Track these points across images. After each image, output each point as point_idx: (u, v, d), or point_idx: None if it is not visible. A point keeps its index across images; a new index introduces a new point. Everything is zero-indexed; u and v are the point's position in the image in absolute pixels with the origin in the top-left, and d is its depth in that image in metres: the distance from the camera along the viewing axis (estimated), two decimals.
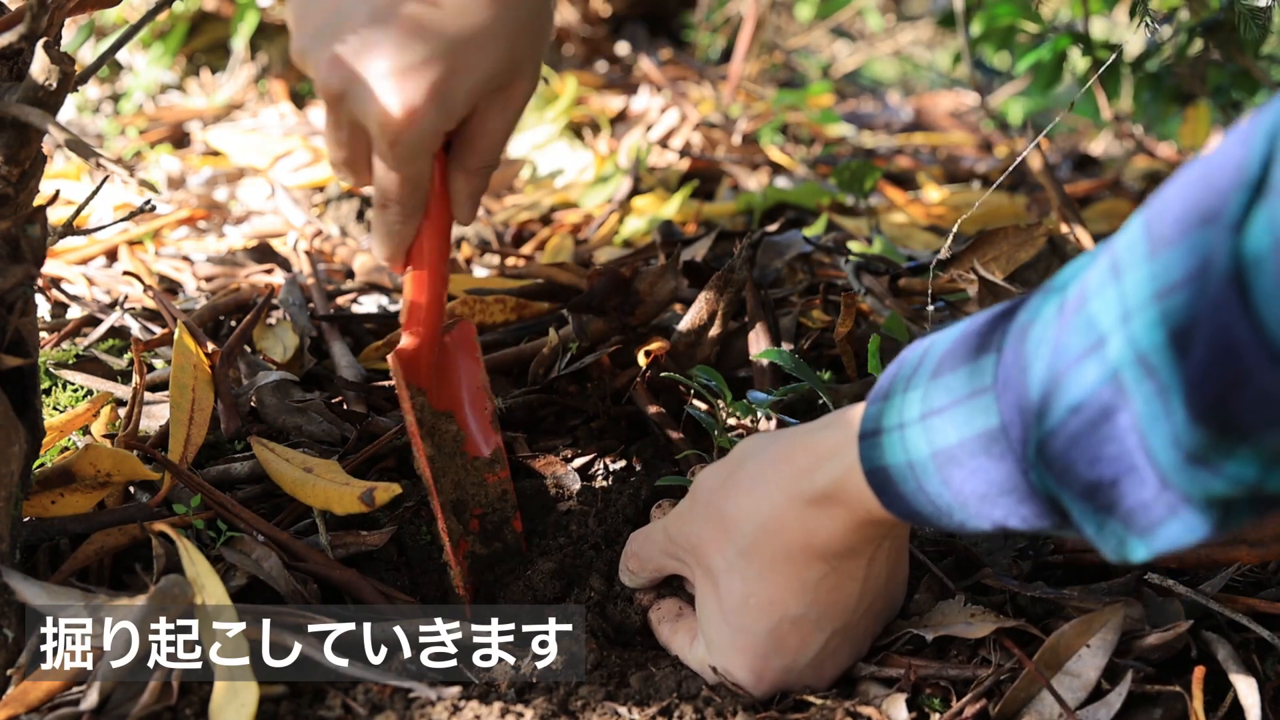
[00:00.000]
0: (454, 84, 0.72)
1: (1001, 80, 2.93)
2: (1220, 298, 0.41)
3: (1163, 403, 0.45)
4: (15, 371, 0.68)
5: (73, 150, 0.54)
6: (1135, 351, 0.45)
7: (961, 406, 0.55)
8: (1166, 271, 0.44)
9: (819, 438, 0.66)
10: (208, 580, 0.69)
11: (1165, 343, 0.44)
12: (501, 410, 0.97)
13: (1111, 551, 0.52)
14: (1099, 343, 0.47)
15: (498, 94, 0.76)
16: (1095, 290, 0.48)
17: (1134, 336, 0.45)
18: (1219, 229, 0.41)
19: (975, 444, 0.55)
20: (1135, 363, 0.46)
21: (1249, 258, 0.41)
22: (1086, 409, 0.48)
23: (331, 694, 0.66)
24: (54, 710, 0.64)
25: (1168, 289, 0.44)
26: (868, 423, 0.60)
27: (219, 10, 2.33)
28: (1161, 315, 0.44)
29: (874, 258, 1.18)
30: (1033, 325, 0.52)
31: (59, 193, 0.74)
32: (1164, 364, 0.44)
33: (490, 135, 0.78)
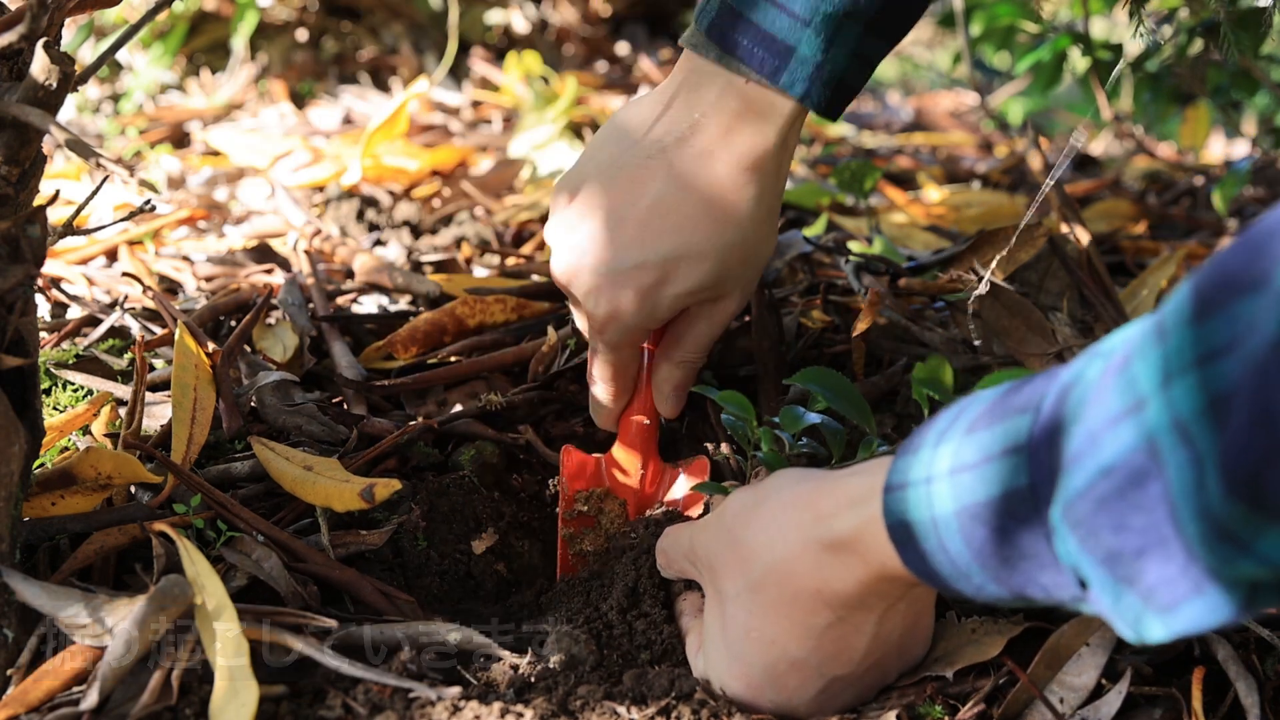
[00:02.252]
0: (661, 292, 0.82)
1: (1001, 80, 2.93)
2: (1263, 365, 0.40)
3: (1197, 472, 0.43)
4: (15, 371, 0.68)
5: (73, 150, 0.54)
6: (1173, 416, 0.44)
7: (993, 464, 0.53)
8: (1211, 336, 0.42)
9: (846, 484, 0.64)
10: (208, 580, 0.69)
11: (1205, 409, 0.42)
12: (503, 405, 0.98)
13: (1127, 627, 0.50)
14: (1138, 405, 0.45)
15: (706, 304, 0.85)
16: (1139, 351, 0.46)
17: (1173, 401, 0.43)
18: (1266, 296, 0.40)
19: (1002, 503, 0.52)
20: (1172, 428, 0.44)
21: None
22: (1118, 473, 0.46)
23: (331, 694, 0.66)
24: (54, 710, 0.64)
25: (1211, 354, 0.42)
26: (895, 475, 0.58)
27: (219, 10, 2.33)
28: (1203, 381, 0.42)
29: (874, 258, 1.18)
30: (1074, 386, 0.50)
31: (59, 193, 0.74)
32: (1202, 432, 0.42)
33: (696, 337, 0.87)
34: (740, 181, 0.81)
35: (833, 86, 0.80)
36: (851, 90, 0.83)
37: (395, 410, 1.02)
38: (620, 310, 0.82)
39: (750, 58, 0.79)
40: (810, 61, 0.78)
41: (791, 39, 0.78)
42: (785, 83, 0.79)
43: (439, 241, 1.52)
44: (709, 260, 0.81)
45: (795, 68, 0.78)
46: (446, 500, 0.87)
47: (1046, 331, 1.04)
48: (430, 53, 2.42)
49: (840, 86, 0.81)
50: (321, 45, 2.41)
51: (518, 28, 2.53)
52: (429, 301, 1.21)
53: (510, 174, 1.78)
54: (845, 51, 0.79)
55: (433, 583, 0.84)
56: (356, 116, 2.12)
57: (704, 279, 0.82)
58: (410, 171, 1.72)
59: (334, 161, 1.76)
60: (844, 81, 0.81)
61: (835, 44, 0.78)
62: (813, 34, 0.77)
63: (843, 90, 0.81)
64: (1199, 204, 1.90)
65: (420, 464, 0.93)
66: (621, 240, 0.81)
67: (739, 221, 0.81)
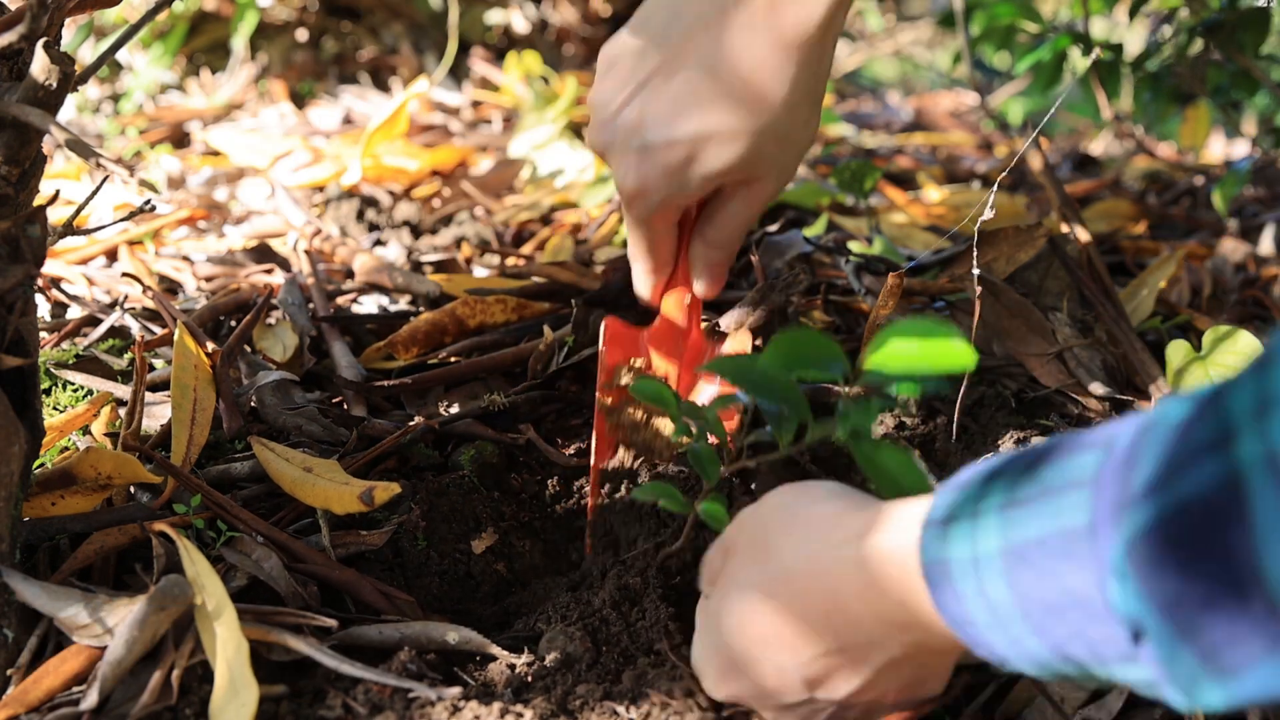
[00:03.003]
0: (689, 171, 0.80)
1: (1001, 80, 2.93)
2: None
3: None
4: (15, 371, 0.68)
5: (73, 150, 0.54)
6: (1267, 449, 0.39)
7: (1050, 500, 0.48)
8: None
9: (888, 509, 0.58)
10: (208, 580, 0.69)
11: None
12: (504, 405, 0.98)
13: (1180, 692, 0.44)
14: (1226, 437, 0.41)
15: (741, 186, 0.83)
16: (1234, 384, 0.42)
17: (1267, 432, 0.39)
18: None
19: (1056, 543, 0.47)
20: (1265, 463, 0.39)
21: None
22: (1196, 509, 0.41)
23: (332, 694, 0.66)
24: (54, 710, 0.64)
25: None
26: (939, 509, 0.53)
27: (219, 10, 2.33)
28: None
29: (874, 258, 1.18)
30: (1157, 425, 0.45)
31: (59, 193, 0.74)
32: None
33: (730, 218, 0.85)
34: (779, 62, 0.77)
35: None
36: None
37: (395, 410, 1.02)
38: (647, 186, 0.81)
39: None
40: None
41: None
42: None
43: (439, 241, 1.52)
44: (740, 142, 0.79)
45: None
46: (446, 500, 0.87)
47: (1046, 331, 1.04)
48: (430, 53, 2.42)
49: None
50: (321, 45, 2.41)
51: (518, 28, 2.53)
52: (429, 301, 1.21)
53: (510, 174, 1.78)
54: None
55: (432, 583, 0.84)
56: (356, 116, 2.12)
57: (734, 161, 0.79)
58: (410, 171, 1.72)
59: (334, 161, 1.76)
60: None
61: None
62: None
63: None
64: (1199, 204, 1.90)
65: (420, 464, 0.93)
66: (653, 114, 0.79)
67: (774, 104, 0.78)
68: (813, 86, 0.80)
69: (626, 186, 0.82)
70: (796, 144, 0.82)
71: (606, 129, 0.82)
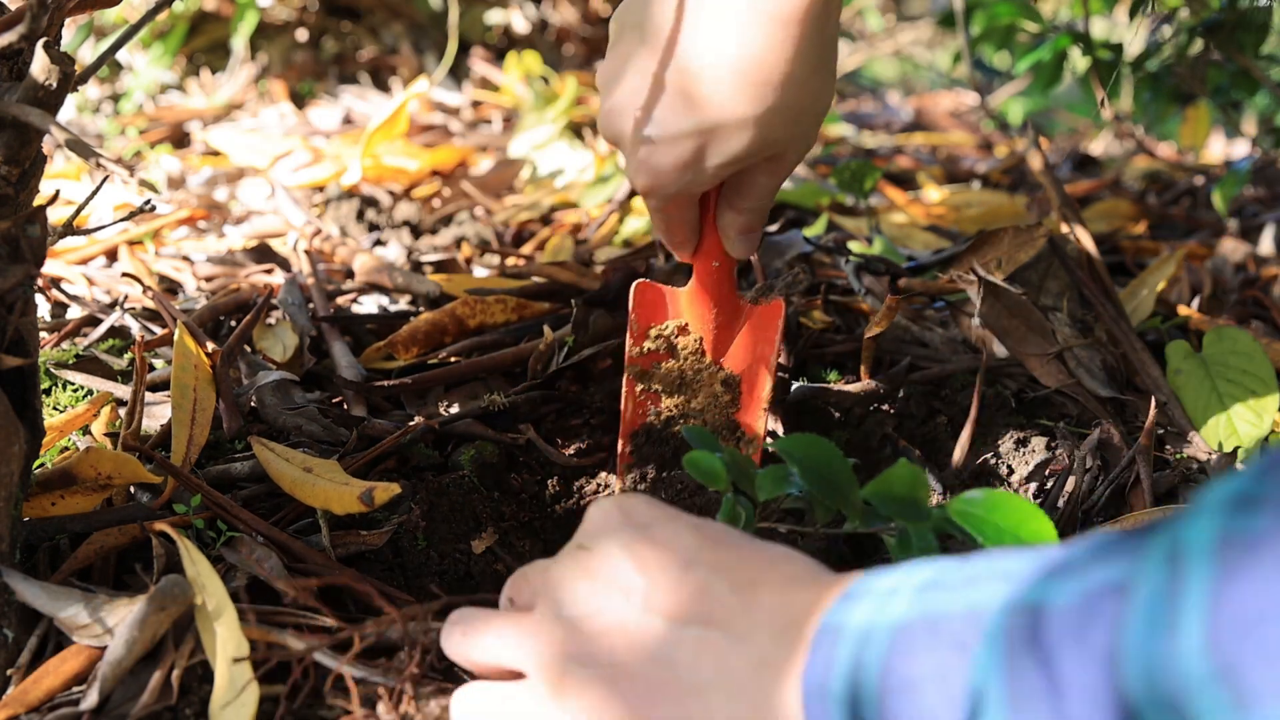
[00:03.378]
0: (702, 164, 0.77)
1: (1001, 80, 2.93)
2: None
3: None
4: (15, 371, 0.68)
5: (73, 150, 0.54)
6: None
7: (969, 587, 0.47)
8: None
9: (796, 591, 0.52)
10: (209, 580, 0.69)
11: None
12: (504, 406, 0.98)
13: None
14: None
15: (763, 162, 0.80)
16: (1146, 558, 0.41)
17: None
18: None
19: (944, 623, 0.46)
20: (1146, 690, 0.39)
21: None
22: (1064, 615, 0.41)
23: (332, 694, 0.66)
24: (54, 710, 0.64)
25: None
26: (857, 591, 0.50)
27: (219, 10, 2.33)
28: None
29: (874, 258, 1.18)
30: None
31: (59, 193, 0.73)
32: None
33: (757, 187, 0.82)
34: (778, 40, 0.73)
35: None
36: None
37: (395, 410, 1.02)
38: (660, 182, 0.78)
39: None
40: None
41: None
42: None
43: (439, 241, 1.52)
44: (749, 129, 0.75)
45: None
46: (446, 500, 0.87)
47: (1046, 331, 1.04)
48: (430, 53, 2.42)
49: None
50: (321, 45, 2.41)
51: (518, 28, 2.53)
52: (429, 301, 1.21)
53: (510, 174, 1.78)
54: None
55: (432, 583, 0.84)
56: (356, 116, 2.12)
57: (746, 148, 0.76)
58: (410, 171, 1.72)
59: (334, 161, 1.76)
60: None
61: None
62: None
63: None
64: (1199, 204, 1.90)
65: (420, 464, 0.93)
66: (659, 105, 0.76)
67: (778, 84, 0.74)
68: (817, 57, 0.75)
69: (638, 184, 0.80)
70: (811, 115, 0.78)
71: (613, 117, 0.79)
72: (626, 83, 0.77)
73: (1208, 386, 0.98)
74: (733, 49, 0.73)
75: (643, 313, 0.90)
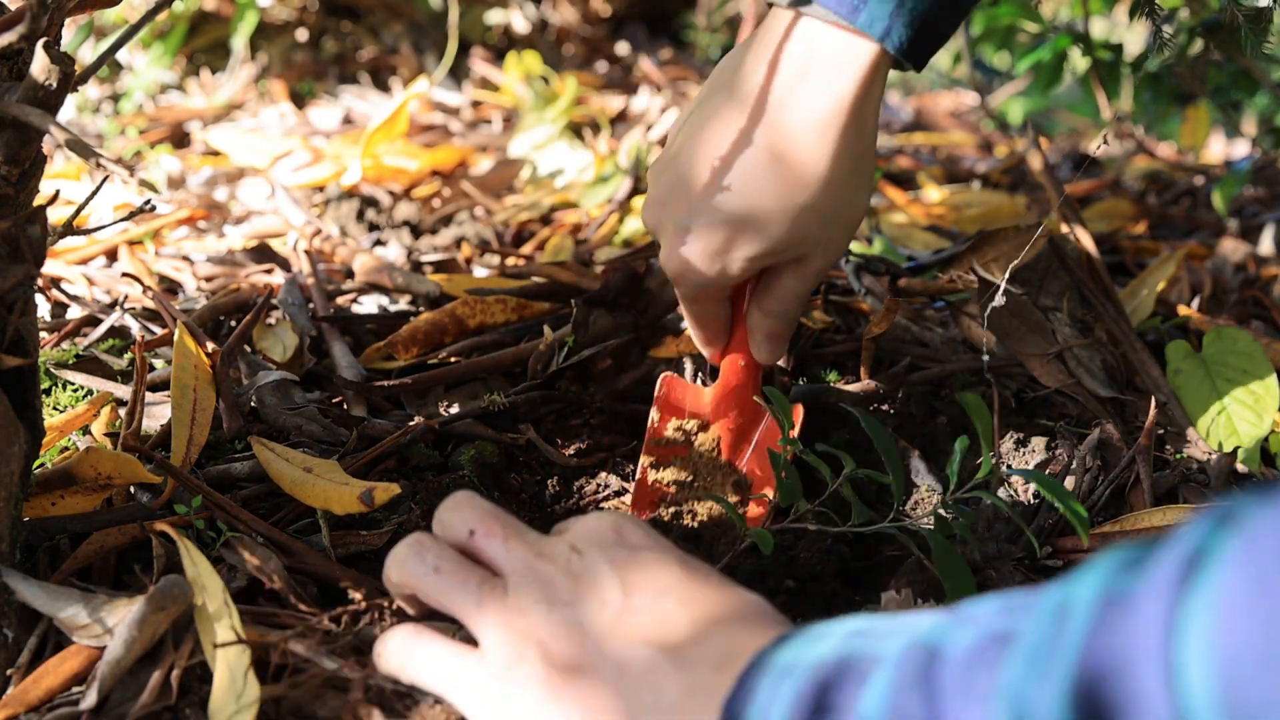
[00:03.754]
0: (730, 255, 0.80)
1: (1001, 80, 2.93)
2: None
3: None
4: (15, 371, 0.68)
5: (73, 150, 0.54)
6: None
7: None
8: None
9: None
10: (209, 581, 0.69)
11: None
12: (504, 406, 0.98)
13: None
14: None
15: (790, 263, 0.82)
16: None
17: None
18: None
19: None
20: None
21: None
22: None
23: (332, 694, 0.66)
24: (53, 710, 0.64)
25: None
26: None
27: (219, 10, 2.34)
28: None
29: (874, 258, 1.18)
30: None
31: (59, 193, 0.74)
32: None
33: (783, 290, 0.84)
34: (814, 138, 0.75)
35: (916, 26, 0.73)
36: (939, 35, 0.76)
37: (395, 410, 1.02)
38: (689, 269, 0.80)
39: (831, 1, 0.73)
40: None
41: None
42: (864, 22, 0.73)
43: (439, 241, 1.52)
44: (778, 224, 0.77)
45: (874, 6, 0.72)
46: None
47: (1046, 331, 1.04)
48: (430, 53, 2.42)
49: (926, 28, 0.74)
50: (321, 45, 2.41)
51: (518, 28, 2.53)
52: (429, 301, 1.21)
53: (510, 174, 1.78)
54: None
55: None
56: (356, 116, 2.12)
57: (774, 244, 0.78)
58: (410, 171, 1.72)
59: (334, 161, 1.76)
60: (930, 22, 0.74)
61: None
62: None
63: (929, 33, 0.74)
64: (1199, 204, 1.90)
65: (420, 464, 0.93)
66: (695, 196, 0.79)
67: (811, 183, 0.76)
68: (854, 162, 0.77)
69: (669, 269, 0.82)
70: (843, 220, 0.80)
71: (654, 207, 0.83)
72: (668, 176, 0.81)
73: (1208, 386, 0.98)
74: (770, 144, 0.76)
75: (666, 406, 0.91)
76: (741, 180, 0.77)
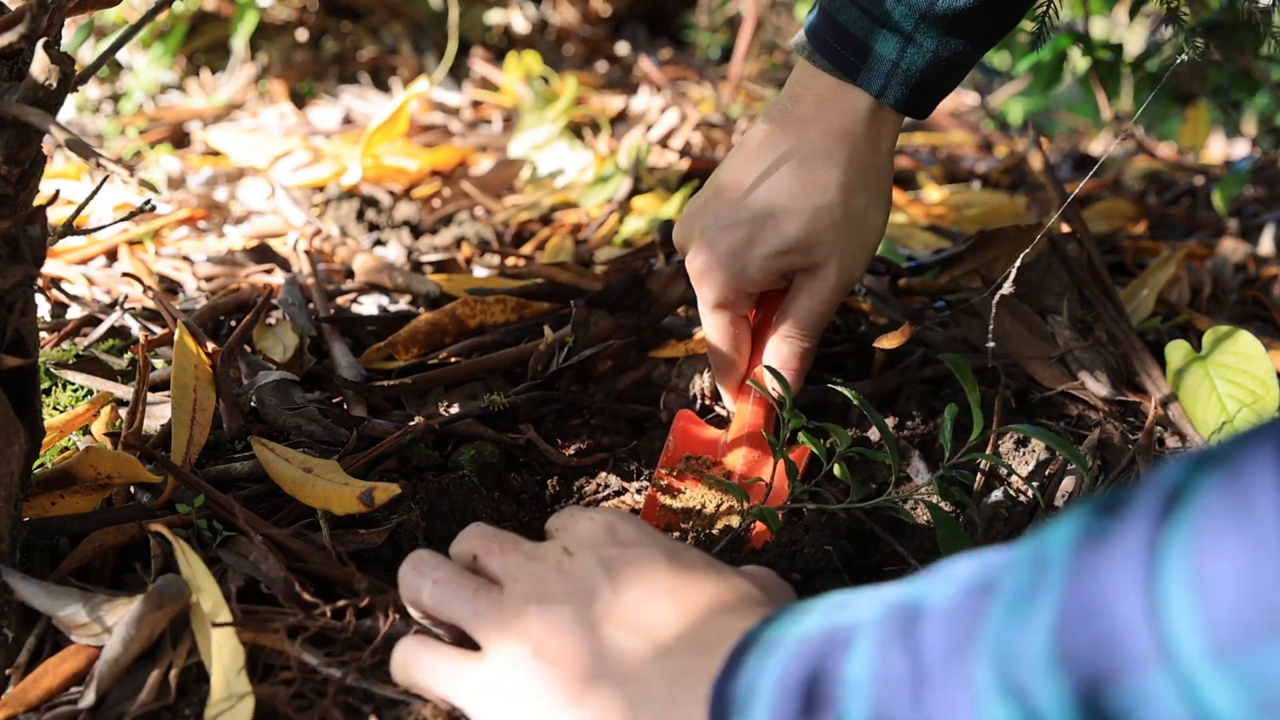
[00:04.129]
0: (750, 252, 0.86)
1: (1001, 80, 2.93)
2: None
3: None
4: (15, 371, 0.68)
5: (73, 150, 0.54)
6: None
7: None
8: None
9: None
10: (204, 582, 0.68)
11: None
12: (504, 406, 0.98)
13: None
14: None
15: (805, 275, 0.88)
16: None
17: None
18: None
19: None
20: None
21: None
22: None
23: (333, 694, 0.66)
24: (52, 709, 0.64)
25: None
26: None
27: (219, 10, 2.34)
28: None
29: (874, 258, 1.18)
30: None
31: (59, 193, 0.73)
32: None
33: (800, 311, 0.90)
34: (830, 146, 0.85)
35: (912, 85, 0.83)
36: (938, 91, 0.86)
37: (395, 410, 1.02)
38: (711, 266, 0.87)
39: (834, 58, 0.84)
40: (887, 60, 0.82)
41: (870, 39, 0.82)
42: (861, 80, 0.84)
43: (439, 241, 1.52)
44: (795, 220, 0.85)
45: (873, 66, 0.83)
46: (446, 500, 0.87)
47: (1047, 334, 1.04)
48: (430, 53, 2.42)
49: (923, 87, 0.84)
50: (321, 45, 2.41)
51: (518, 28, 2.53)
52: (429, 301, 1.21)
53: (510, 174, 1.78)
54: (924, 52, 0.82)
55: None
56: (356, 116, 2.12)
57: (790, 239, 0.85)
58: (410, 171, 1.72)
59: (334, 161, 1.76)
60: (926, 82, 0.84)
61: (913, 44, 0.82)
62: (889, 33, 0.82)
63: (927, 90, 0.85)
64: (1199, 204, 1.90)
65: (420, 464, 0.93)
66: (724, 203, 0.88)
67: (827, 185, 0.84)
68: (868, 175, 0.86)
69: (693, 269, 0.88)
70: (857, 233, 0.87)
71: (683, 222, 0.91)
72: (703, 195, 0.90)
73: (1208, 386, 0.98)
74: (793, 152, 0.85)
75: (679, 440, 0.93)
76: (765, 185, 0.86)
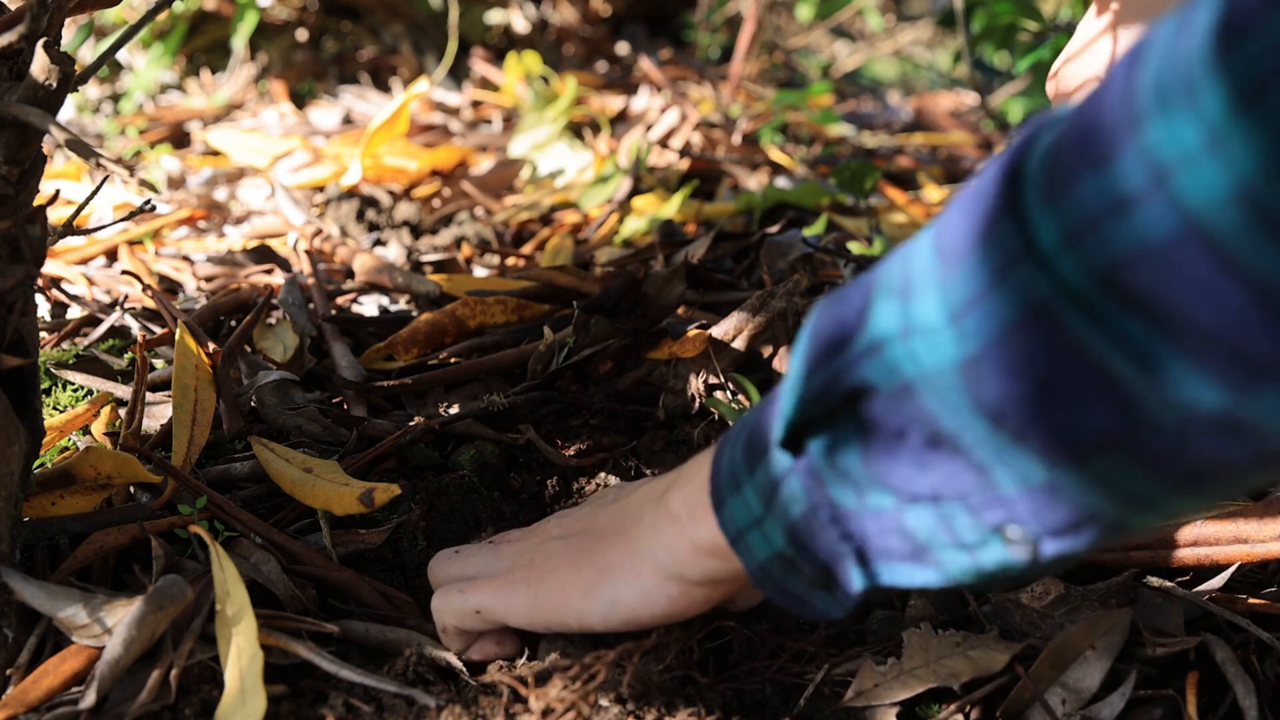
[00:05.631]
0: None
1: (1001, 80, 2.93)
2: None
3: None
4: (15, 371, 0.68)
5: (73, 150, 0.54)
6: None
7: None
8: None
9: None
10: (234, 587, 0.68)
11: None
12: (504, 406, 0.98)
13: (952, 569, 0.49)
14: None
15: None
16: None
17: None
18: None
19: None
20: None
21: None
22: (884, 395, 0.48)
23: (333, 694, 0.66)
24: (52, 710, 0.64)
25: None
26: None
27: (219, 10, 2.34)
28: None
29: (874, 258, 1.18)
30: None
31: (59, 193, 0.74)
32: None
33: None
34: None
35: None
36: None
37: (395, 411, 1.02)
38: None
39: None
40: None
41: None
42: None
43: (439, 241, 1.52)
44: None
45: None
46: (446, 500, 0.87)
47: None
48: (430, 53, 2.42)
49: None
50: (321, 45, 2.41)
51: (518, 28, 2.53)
52: (429, 301, 1.21)
53: (510, 174, 1.78)
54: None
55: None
56: (356, 116, 2.12)
57: None
58: (410, 171, 1.72)
59: (334, 161, 1.76)
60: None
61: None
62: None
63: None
64: None
65: (420, 464, 0.93)
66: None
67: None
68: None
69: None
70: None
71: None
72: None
73: None
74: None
75: None
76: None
